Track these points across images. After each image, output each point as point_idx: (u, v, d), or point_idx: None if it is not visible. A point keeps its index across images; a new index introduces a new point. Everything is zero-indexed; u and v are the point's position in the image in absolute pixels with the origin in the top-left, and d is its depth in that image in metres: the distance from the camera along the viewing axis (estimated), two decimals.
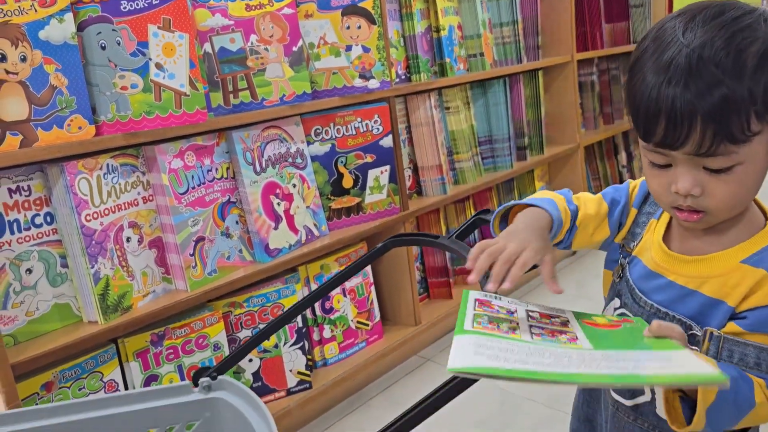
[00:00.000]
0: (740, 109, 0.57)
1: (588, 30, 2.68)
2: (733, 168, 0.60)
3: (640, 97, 0.61)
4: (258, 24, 1.38)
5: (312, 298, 0.99)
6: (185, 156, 1.31)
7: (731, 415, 0.61)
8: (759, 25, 0.60)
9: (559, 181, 2.64)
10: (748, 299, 0.63)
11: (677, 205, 0.64)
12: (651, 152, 0.64)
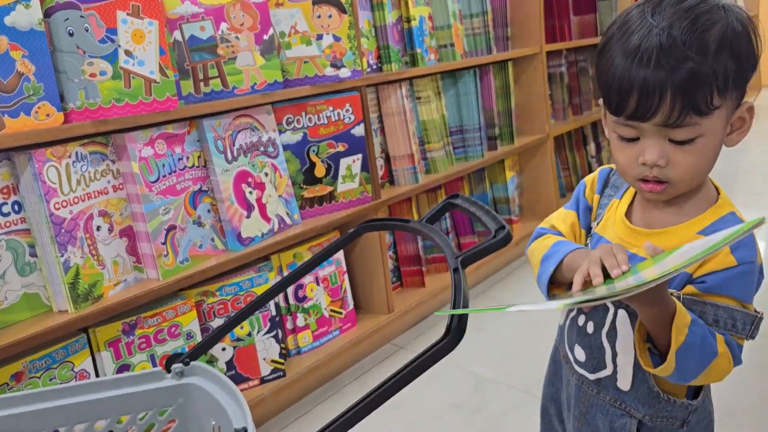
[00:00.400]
0: (705, 84, 0.62)
1: (556, 22, 2.72)
2: (696, 140, 0.65)
3: (613, 72, 0.65)
4: (228, 12, 1.38)
5: (284, 284, 1.00)
6: (156, 144, 1.30)
7: (697, 362, 0.65)
8: (718, 11, 0.65)
9: (530, 170, 2.69)
10: (706, 264, 0.68)
11: (643, 176, 0.69)
12: (621, 126, 0.68)
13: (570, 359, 0.82)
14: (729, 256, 0.67)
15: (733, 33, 0.65)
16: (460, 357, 1.86)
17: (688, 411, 0.75)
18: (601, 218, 0.80)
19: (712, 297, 0.68)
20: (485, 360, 1.86)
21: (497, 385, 1.74)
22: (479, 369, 1.82)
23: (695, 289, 0.68)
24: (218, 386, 0.99)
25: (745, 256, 0.67)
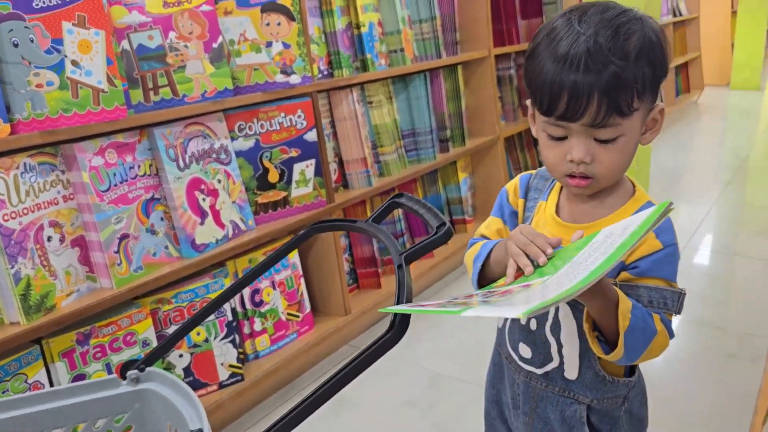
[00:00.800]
0: (627, 88, 0.68)
1: (504, 26, 2.80)
2: (618, 139, 0.71)
3: (545, 76, 0.70)
4: (176, 21, 1.39)
5: (237, 287, 1.02)
6: (106, 153, 1.30)
7: (641, 342, 0.71)
8: (636, 22, 0.71)
9: (481, 171, 2.75)
10: (636, 251, 0.74)
11: (571, 172, 0.74)
12: (551, 126, 0.73)
13: (514, 358, 0.86)
14: (655, 241, 0.74)
15: (649, 42, 0.71)
16: (415, 354, 1.91)
17: (628, 388, 0.81)
18: (530, 220, 0.85)
19: (645, 280, 0.74)
20: (439, 357, 1.91)
21: (451, 381, 1.79)
22: (433, 366, 1.87)
23: (630, 275, 0.75)
24: (174, 390, 1.01)
25: (668, 239, 0.74)
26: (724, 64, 7.04)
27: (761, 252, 2.54)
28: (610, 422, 0.82)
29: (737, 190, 3.46)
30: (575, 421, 0.81)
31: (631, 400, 0.82)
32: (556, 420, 0.83)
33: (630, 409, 0.83)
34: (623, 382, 0.80)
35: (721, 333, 1.93)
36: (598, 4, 0.72)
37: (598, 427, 0.82)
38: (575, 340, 0.78)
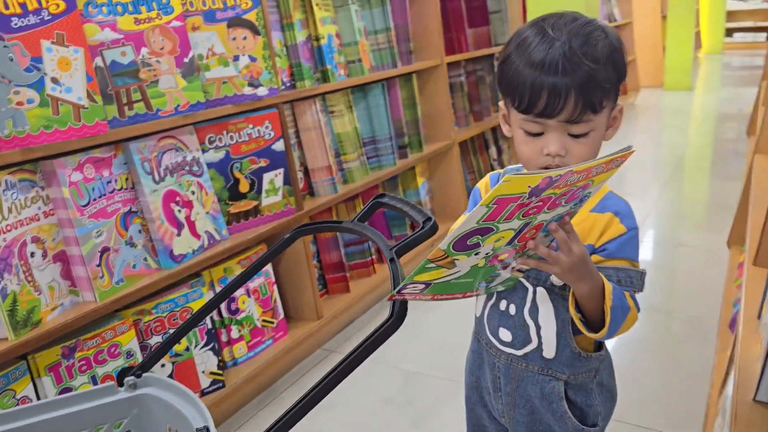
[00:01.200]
0: (598, 87, 0.77)
1: (454, 35, 2.91)
2: (589, 133, 0.80)
3: (524, 79, 0.77)
4: (148, 37, 1.42)
5: (231, 288, 1.06)
6: (84, 168, 1.32)
7: (620, 318, 0.79)
8: (600, 31, 0.80)
9: (439, 176, 2.85)
10: (603, 235, 0.83)
11: (546, 165, 0.82)
12: (529, 122, 0.80)
13: (495, 343, 0.93)
14: (620, 225, 0.83)
15: (613, 48, 0.80)
16: (389, 355, 1.97)
17: (599, 361, 0.89)
18: None
19: (613, 261, 0.82)
20: (412, 356, 1.98)
21: (425, 378, 1.86)
22: (407, 365, 1.93)
23: (600, 257, 0.83)
24: (173, 393, 1.04)
25: (630, 224, 0.83)
26: (657, 66, 7.41)
27: (702, 242, 2.73)
28: (585, 394, 0.90)
29: (676, 185, 3.68)
30: (554, 397, 0.89)
31: (600, 372, 0.91)
32: (537, 397, 0.90)
33: (601, 381, 0.91)
34: (595, 356, 0.89)
35: (673, 318, 2.07)
36: (565, 15, 0.80)
37: (574, 400, 0.90)
38: (552, 321, 0.86)
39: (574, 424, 0.89)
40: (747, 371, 0.93)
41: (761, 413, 0.84)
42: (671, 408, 1.60)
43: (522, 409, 0.92)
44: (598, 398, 0.92)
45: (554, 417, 0.89)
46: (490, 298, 0.92)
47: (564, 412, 0.88)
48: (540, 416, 0.90)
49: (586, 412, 0.90)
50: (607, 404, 0.93)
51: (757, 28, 11.38)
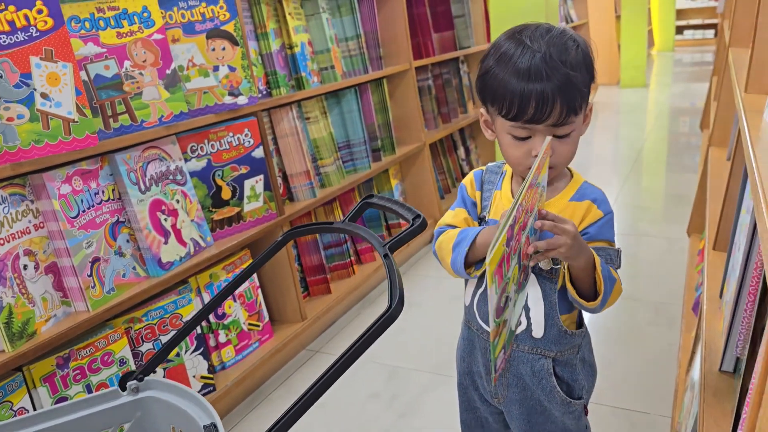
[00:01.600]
0: (578, 91, 0.84)
1: (420, 40, 2.99)
2: (571, 134, 0.87)
3: (511, 89, 0.83)
4: (130, 50, 1.45)
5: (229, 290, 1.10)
6: (73, 181, 1.35)
7: (609, 288, 0.87)
8: (572, 40, 0.87)
9: (411, 177, 2.92)
10: (584, 221, 0.91)
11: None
12: (517, 128, 0.87)
13: (485, 329, 1.00)
14: (597, 211, 0.91)
15: (585, 54, 0.87)
16: (373, 352, 2.03)
17: (581, 338, 0.97)
18: (489, 208, 1.00)
19: (595, 243, 0.91)
20: (395, 352, 2.04)
21: (409, 372, 1.92)
22: (391, 360, 1.99)
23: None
24: (176, 394, 1.08)
25: (606, 209, 0.92)
26: (613, 64, 7.65)
27: (664, 232, 2.86)
28: (570, 370, 0.98)
29: (636, 178, 3.82)
30: (544, 374, 0.96)
31: (582, 348, 0.99)
32: (528, 375, 0.98)
33: (583, 357, 0.99)
34: (578, 333, 0.97)
35: (640, 304, 2.18)
36: (539, 27, 0.87)
37: (561, 376, 0.98)
38: (540, 302, 0.93)
39: (562, 397, 0.96)
40: (712, 346, 1.01)
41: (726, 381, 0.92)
42: (643, 388, 1.70)
43: (514, 387, 0.99)
44: (582, 373, 1.00)
45: (544, 392, 0.96)
46: (479, 287, 0.99)
47: (553, 387, 0.96)
48: (531, 393, 0.98)
49: (572, 386, 0.97)
50: (590, 378, 1.01)
51: (705, 25, 11.81)
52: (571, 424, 1.00)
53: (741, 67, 1.32)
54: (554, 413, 0.98)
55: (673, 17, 10.87)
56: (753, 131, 0.87)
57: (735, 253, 1.04)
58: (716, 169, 1.86)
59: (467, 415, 1.12)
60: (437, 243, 1.03)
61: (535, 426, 1.00)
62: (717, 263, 1.29)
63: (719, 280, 1.20)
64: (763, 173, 0.67)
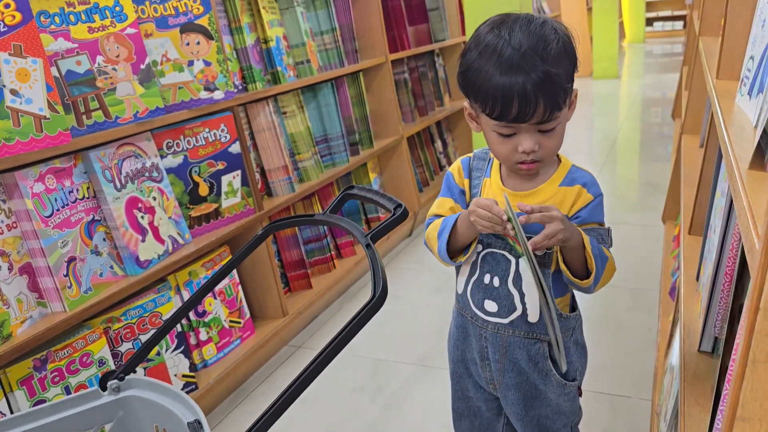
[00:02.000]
0: (561, 88, 0.84)
1: (396, 33, 2.99)
2: (556, 128, 0.88)
3: (493, 89, 0.83)
4: (103, 45, 1.43)
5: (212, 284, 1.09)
6: (46, 179, 1.32)
7: (601, 265, 0.89)
8: (553, 30, 0.86)
9: (390, 170, 2.92)
10: (575, 205, 0.92)
11: (522, 161, 0.89)
12: (502, 127, 0.87)
13: (480, 315, 1.00)
14: (588, 194, 0.92)
15: (566, 44, 0.86)
16: (356, 345, 2.03)
17: (575, 320, 0.98)
18: (479, 195, 1.00)
19: (587, 225, 0.92)
20: (378, 344, 2.04)
21: (393, 365, 1.93)
22: (374, 353, 1.99)
23: (575, 224, 0.91)
24: (158, 392, 1.07)
25: (596, 191, 0.93)
26: (586, 56, 7.72)
27: (639, 220, 2.90)
28: (565, 352, 0.99)
29: (611, 168, 3.87)
30: (539, 357, 0.97)
31: (575, 330, 1.00)
32: (523, 359, 0.98)
33: (576, 339, 1.00)
34: (573, 316, 0.98)
35: (618, 291, 2.21)
36: (519, 19, 0.86)
37: (555, 358, 0.99)
38: (534, 288, 0.94)
39: (557, 379, 0.97)
40: (690, 327, 1.03)
41: (705, 361, 0.94)
42: (623, 373, 1.72)
43: (511, 372, 0.99)
44: (575, 355, 1.01)
45: (540, 375, 0.97)
46: (473, 274, 0.99)
47: (549, 370, 0.97)
48: (527, 377, 0.98)
49: (566, 368, 0.98)
50: (582, 360, 1.02)
51: (674, 17, 11.99)
52: (565, 406, 1.01)
53: (711, 55, 1.34)
54: (550, 396, 0.99)
55: (643, 9, 11.01)
56: (726, 115, 0.88)
57: (711, 235, 1.06)
58: (690, 155, 1.89)
59: (459, 404, 1.12)
60: (426, 234, 1.03)
61: (531, 410, 1.01)
62: (693, 247, 1.31)
63: (696, 263, 1.22)
64: (737, 153, 0.68)
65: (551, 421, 1.01)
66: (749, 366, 0.43)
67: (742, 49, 1.12)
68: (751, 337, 0.43)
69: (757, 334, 0.42)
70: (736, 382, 0.45)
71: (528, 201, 0.94)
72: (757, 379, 0.43)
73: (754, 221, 0.50)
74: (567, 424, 1.03)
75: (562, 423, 1.03)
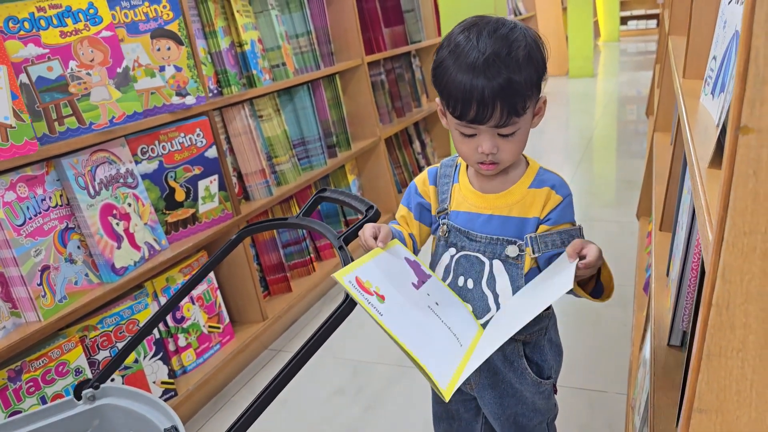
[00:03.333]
0: (521, 95, 0.85)
1: (372, 35, 2.99)
2: (516, 132, 0.89)
3: (456, 90, 0.85)
4: (76, 50, 1.42)
5: (183, 292, 1.09)
6: (17, 188, 1.31)
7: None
8: (521, 35, 0.87)
9: (368, 172, 2.93)
10: (545, 207, 0.93)
11: (482, 161, 0.91)
12: (463, 127, 0.89)
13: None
14: (557, 196, 0.94)
15: (533, 51, 0.87)
16: (336, 348, 2.03)
17: (548, 319, 1.00)
18: (449, 201, 1.01)
19: (558, 226, 0.93)
20: (357, 346, 2.05)
21: (373, 366, 1.93)
22: (354, 355, 2.00)
23: (545, 227, 0.94)
24: (134, 400, 1.06)
25: (565, 192, 0.95)
26: (561, 55, 7.80)
27: (615, 216, 2.94)
28: (539, 351, 1.00)
29: (587, 165, 3.92)
30: (514, 356, 0.99)
31: (549, 328, 1.02)
32: (499, 359, 1.00)
33: (550, 338, 1.02)
34: (545, 314, 1.00)
35: None
36: (489, 24, 0.87)
37: (531, 357, 1.00)
38: (508, 288, 0.95)
39: (533, 378, 0.99)
40: (660, 322, 1.05)
41: (674, 355, 0.96)
42: (600, 368, 1.75)
43: (486, 372, 1.01)
44: (550, 353, 1.02)
45: (515, 374, 0.99)
46: (446, 277, 1.00)
47: (524, 369, 0.98)
48: (503, 376, 1.00)
49: (542, 366, 1.00)
50: (557, 358, 1.04)
51: (648, 15, 12.15)
52: (541, 404, 1.03)
53: (679, 55, 1.36)
54: (525, 394, 1.01)
55: (617, 8, 11.15)
56: (690, 114, 0.90)
57: (679, 232, 1.08)
58: (661, 153, 1.93)
59: (438, 408, 1.14)
60: None
61: (507, 408, 1.02)
62: (663, 243, 1.34)
63: (666, 259, 1.25)
64: (698, 152, 0.70)
65: (527, 419, 1.03)
66: (704, 360, 0.45)
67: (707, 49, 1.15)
68: (705, 332, 0.44)
69: (711, 329, 0.44)
70: (692, 376, 0.46)
71: (498, 203, 0.95)
72: (713, 372, 0.45)
73: (710, 219, 0.52)
74: (543, 420, 1.05)
75: (538, 420, 1.04)
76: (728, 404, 0.45)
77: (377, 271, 0.87)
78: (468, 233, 0.97)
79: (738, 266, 0.42)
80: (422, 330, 0.85)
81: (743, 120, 0.40)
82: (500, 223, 0.95)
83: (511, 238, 0.94)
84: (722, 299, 0.43)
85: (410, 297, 0.88)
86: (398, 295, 0.86)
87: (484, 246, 0.95)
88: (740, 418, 0.45)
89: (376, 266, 0.87)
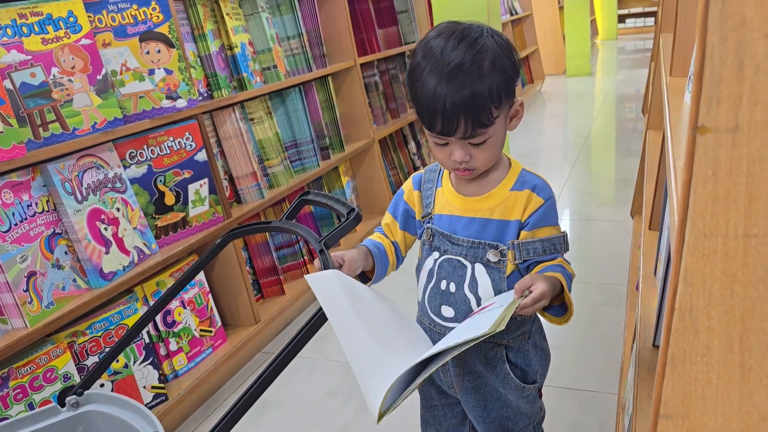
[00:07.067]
0: (484, 105, 0.84)
1: (365, 36, 2.99)
2: (487, 141, 0.88)
3: (423, 101, 0.85)
4: (57, 56, 1.41)
5: (166, 298, 1.08)
6: (2, 194, 1.30)
7: (570, 286, 0.91)
8: (488, 41, 0.86)
9: (362, 174, 2.92)
10: (526, 210, 0.93)
11: (456, 167, 0.91)
12: (434, 137, 0.89)
13: (438, 322, 1.00)
14: (538, 198, 0.93)
15: (499, 57, 0.85)
16: (328, 350, 2.02)
17: (531, 323, 0.99)
18: (433, 205, 1.00)
19: (540, 231, 0.92)
20: None
21: None
22: (345, 357, 1.99)
23: (526, 233, 0.93)
24: (119, 406, 1.06)
25: (546, 194, 0.93)
26: (559, 54, 7.79)
27: (610, 215, 2.93)
28: (523, 355, 0.99)
29: (585, 164, 3.90)
30: (497, 361, 0.98)
31: (533, 333, 1.01)
32: (481, 363, 0.99)
33: (535, 342, 1.01)
34: (527, 318, 0.98)
35: (588, 286, 2.23)
36: (455, 33, 0.86)
37: (514, 362, 0.99)
38: (490, 292, 0.94)
39: (516, 383, 0.98)
40: (647, 321, 1.04)
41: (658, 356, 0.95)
42: (592, 367, 1.74)
43: (469, 376, 1.00)
44: (534, 358, 1.01)
45: (498, 379, 0.98)
46: (430, 282, 1.00)
47: (507, 374, 0.97)
48: (486, 380, 0.99)
49: (526, 371, 0.99)
50: (543, 362, 1.03)
51: (645, 13, 12.13)
52: (525, 408, 1.02)
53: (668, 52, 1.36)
54: (509, 398, 1.00)
55: (615, 6, 11.13)
56: (674, 113, 0.89)
57: (664, 231, 1.07)
58: (653, 151, 1.92)
59: (425, 412, 1.14)
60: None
61: (491, 412, 1.01)
62: (652, 242, 1.33)
63: (653, 258, 1.24)
64: (675, 151, 0.69)
65: (513, 422, 1.02)
66: (669, 365, 0.44)
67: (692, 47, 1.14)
68: (669, 336, 0.44)
69: (675, 333, 0.43)
70: (657, 381, 0.45)
71: (479, 206, 0.95)
72: (677, 377, 0.44)
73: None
74: (529, 423, 1.04)
75: (524, 423, 1.03)
76: (694, 409, 0.44)
77: (338, 283, 0.88)
78: (450, 237, 0.96)
79: (699, 269, 0.41)
80: (367, 349, 0.86)
81: (701, 120, 0.39)
82: (480, 226, 0.94)
83: (492, 241, 0.93)
84: (685, 303, 0.42)
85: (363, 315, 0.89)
86: (353, 310, 0.87)
87: (466, 250, 0.94)
88: (706, 423, 0.44)
89: (338, 279, 0.88)
